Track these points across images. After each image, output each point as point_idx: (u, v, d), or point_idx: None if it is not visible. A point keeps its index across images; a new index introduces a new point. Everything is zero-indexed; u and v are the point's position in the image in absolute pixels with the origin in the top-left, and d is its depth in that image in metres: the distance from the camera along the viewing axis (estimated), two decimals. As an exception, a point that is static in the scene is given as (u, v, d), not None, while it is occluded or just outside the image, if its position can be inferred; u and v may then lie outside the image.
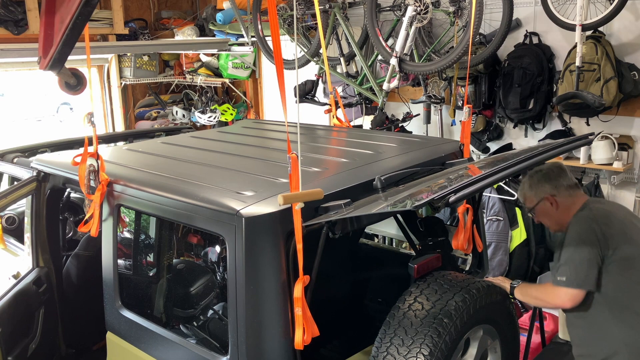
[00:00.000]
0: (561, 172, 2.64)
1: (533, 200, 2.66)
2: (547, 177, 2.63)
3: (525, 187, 2.69)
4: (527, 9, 4.23)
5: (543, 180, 2.63)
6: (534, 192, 2.65)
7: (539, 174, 2.65)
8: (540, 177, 2.65)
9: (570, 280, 2.44)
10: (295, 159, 1.94)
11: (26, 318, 2.98)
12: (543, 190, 2.61)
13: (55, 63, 2.86)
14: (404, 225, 3.32)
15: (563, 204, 2.60)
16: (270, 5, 1.92)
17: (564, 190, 2.60)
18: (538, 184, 2.63)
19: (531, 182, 2.66)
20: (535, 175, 2.67)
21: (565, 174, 2.63)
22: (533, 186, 2.65)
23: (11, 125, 7.36)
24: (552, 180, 2.62)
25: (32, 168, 3.09)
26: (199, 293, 2.65)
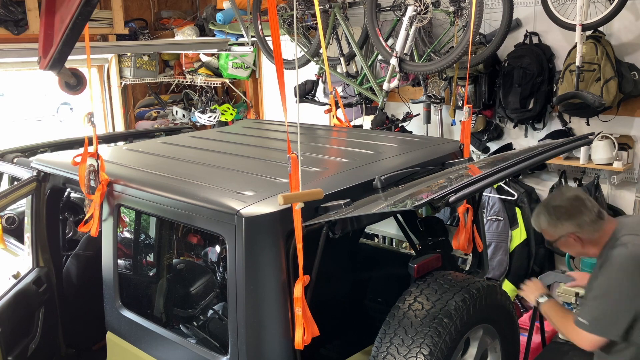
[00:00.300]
0: (582, 206, 2.38)
1: (553, 236, 2.45)
2: (567, 215, 2.37)
3: (542, 221, 2.45)
4: (527, 9, 4.23)
5: (563, 218, 2.38)
6: (553, 230, 2.42)
7: (558, 211, 2.40)
8: (560, 214, 2.39)
9: (594, 326, 2.28)
10: (295, 159, 1.94)
11: (26, 318, 2.98)
12: (563, 228, 2.39)
13: (55, 63, 2.86)
14: (404, 225, 3.32)
15: (588, 239, 2.40)
16: (270, 5, 1.92)
17: (588, 227, 2.36)
18: (557, 222, 2.39)
19: (550, 219, 2.42)
20: (553, 211, 2.41)
21: (587, 208, 2.38)
22: (552, 223, 2.41)
23: (11, 125, 7.37)
24: (574, 218, 2.37)
25: (32, 168, 3.09)
26: (199, 293, 2.65)
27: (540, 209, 2.46)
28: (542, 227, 2.46)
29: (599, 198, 3.93)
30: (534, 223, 2.50)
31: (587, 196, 2.44)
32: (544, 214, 2.43)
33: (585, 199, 2.40)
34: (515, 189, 4.28)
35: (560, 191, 2.48)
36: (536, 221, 2.48)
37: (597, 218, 2.38)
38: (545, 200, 2.54)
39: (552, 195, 2.50)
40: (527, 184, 4.40)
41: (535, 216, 2.48)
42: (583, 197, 2.41)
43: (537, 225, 2.48)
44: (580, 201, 2.38)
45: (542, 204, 2.49)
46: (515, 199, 4.25)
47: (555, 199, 2.44)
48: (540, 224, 2.46)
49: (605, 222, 2.41)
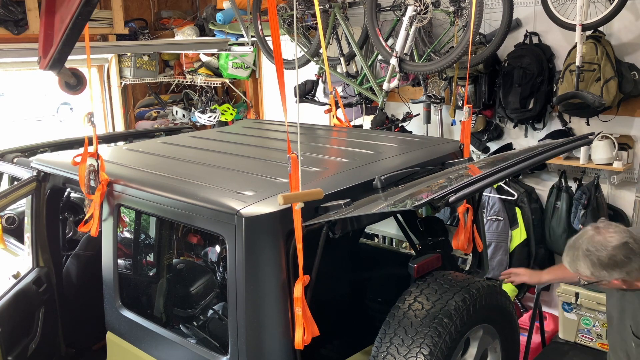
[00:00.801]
0: (631, 254, 2.18)
1: (591, 278, 2.28)
2: (614, 265, 2.19)
3: (582, 268, 2.26)
4: (527, 9, 4.23)
5: (610, 268, 2.20)
6: (594, 274, 2.24)
7: (603, 262, 2.20)
8: (606, 265, 2.20)
9: None
10: (295, 159, 1.94)
11: (26, 318, 2.98)
12: (609, 276, 2.22)
13: (55, 63, 2.86)
14: (404, 225, 3.32)
15: (634, 281, 2.26)
16: (270, 5, 1.92)
17: (636, 272, 2.21)
18: (601, 269, 2.21)
19: (594, 270, 2.23)
20: (598, 262, 2.21)
21: (635, 254, 2.19)
22: (596, 273, 2.23)
23: (11, 125, 7.36)
24: (622, 267, 2.20)
25: (32, 168, 3.09)
26: (199, 293, 2.65)
27: (578, 254, 2.25)
28: (582, 273, 2.27)
29: (599, 198, 3.93)
30: (569, 266, 2.30)
31: (632, 237, 2.22)
32: (585, 262, 2.23)
33: (631, 244, 2.19)
34: (515, 189, 4.28)
35: (601, 235, 2.22)
36: (573, 266, 2.28)
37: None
38: (582, 241, 2.24)
39: (592, 239, 2.22)
40: (527, 184, 4.40)
41: (572, 261, 2.28)
42: (630, 242, 2.19)
43: (574, 269, 2.29)
44: (628, 249, 2.19)
45: (581, 248, 2.24)
46: (515, 199, 4.26)
47: (598, 247, 2.20)
48: (579, 271, 2.27)
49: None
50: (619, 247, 2.18)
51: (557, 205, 4.15)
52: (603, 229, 2.20)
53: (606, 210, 3.95)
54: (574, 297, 3.74)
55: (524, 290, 4.39)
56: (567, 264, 2.32)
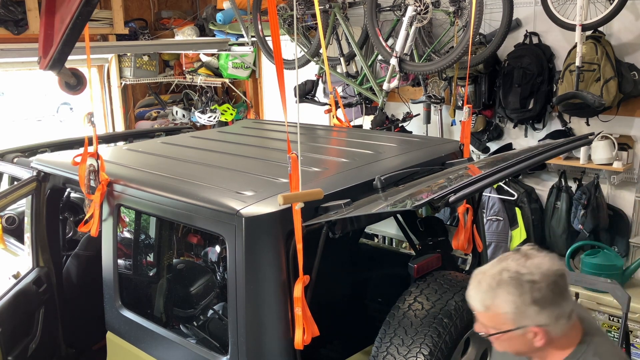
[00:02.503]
0: (564, 291, 1.59)
1: (504, 322, 1.59)
2: (547, 299, 1.55)
3: (497, 294, 1.58)
4: (527, 9, 4.23)
5: (541, 303, 1.55)
6: (517, 312, 1.56)
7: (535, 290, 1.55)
8: (538, 297, 1.54)
9: None
10: (295, 159, 1.94)
11: (26, 318, 2.98)
12: (535, 317, 1.56)
13: (55, 63, 2.86)
14: (404, 225, 3.32)
15: (554, 340, 1.61)
16: (270, 5, 1.92)
17: (564, 321, 1.58)
18: (531, 304, 1.54)
19: (515, 294, 1.55)
20: (525, 284, 1.55)
21: (569, 294, 1.60)
22: (518, 300, 1.55)
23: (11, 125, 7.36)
24: (553, 306, 1.56)
25: (32, 168, 3.09)
26: (199, 293, 2.65)
27: (500, 280, 1.58)
28: (497, 310, 1.59)
29: (599, 198, 3.93)
30: (478, 302, 1.64)
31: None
32: (509, 291, 1.56)
33: (567, 277, 1.62)
34: (515, 189, 4.28)
35: (533, 258, 1.59)
36: (485, 299, 1.61)
37: (572, 310, 1.63)
38: (507, 265, 1.60)
39: (524, 262, 1.58)
40: (527, 184, 4.40)
41: (486, 292, 1.61)
42: (566, 275, 1.61)
43: (484, 305, 1.62)
44: (565, 283, 1.59)
45: (504, 272, 1.58)
46: (515, 199, 4.26)
47: (534, 270, 1.55)
48: (493, 307, 1.59)
49: (574, 321, 1.64)
50: (560, 275, 1.57)
51: (557, 206, 4.16)
52: (532, 252, 1.61)
53: (606, 211, 3.95)
54: (574, 297, 3.74)
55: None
56: (475, 300, 1.64)
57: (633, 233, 3.96)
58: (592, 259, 3.71)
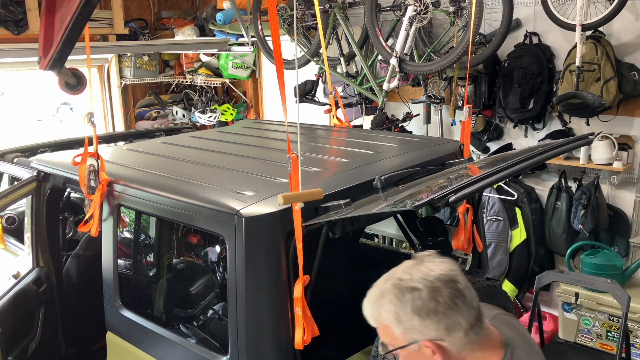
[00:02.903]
0: (457, 299, 1.41)
1: (396, 337, 1.45)
2: (431, 309, 1.39)
3: (382, 304, 1.46)
4: (527, 9, 4.22)
5: (425, 313, 1.39)
6: (400, 324, 1.42)
7: (417, 298, 1.40)
8: (419, 305, 1.40)
9: None
10: (295, 159, 1.95)
11: (26, 318, 2.98)
12: (420, 328, 1.41)
13: (55, 63, 2.86)
14: (404, 225, 3.32)
15: (455, 357, 1.45)
16: (270, 5, 1.92)
17: (460, 334, 1.41)
18: (413, 314, 1.40)
19: (396, 303, 1.43)
20: (406, 293, 1.41)
21: (466, 302, 1.42)
22: (399, 309, 1.42)
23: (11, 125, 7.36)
24: (441, 316, 1.39)
25: (32, 168, 3.09)
26: (199, 293, 2.65)
27: (385, 288, 1.46)
28: (384, 321, 1.46)
29: (599, 198, 3.93)
30: (368, 313, 1.50)
31: (465, 281, 1.46)
32: (391, 300, 1.43)
33: (461, 284, 1.43)
34: (515, 189, 4.28)
35: (423, 264, 1.47)
36: (374, 310, 1.48)
37: (476, 322, 1.44)
38: (395, 272, 1.49)
39: (410, 268, 1.47)
40: (527, 184, 4.40)
41: (374, 301, 1.48)
42: (459, 282, 1.43)
43: (374, 318, 1.48)
44: (455, 290, 1.42)
45: (391, 280, 1.47)
46: (515, 199, 4.25)
47: (416, 277, 1.43)
48: (381, 318, 1.46)
49: (486, 334, 1.48)
50: (449, 282, 1.41)
51: (557, 206, 4.16)
52: (427, 258, 1.49)
53: (606, 210, 3.95)
54: (574, 297, 3.74)
55: (524, 290, 4.40)
56: (366, 313, 1.50)
57: (633, 233, 3.96)
58: (592, 259, 3.72)
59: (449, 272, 1.43)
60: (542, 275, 3.34)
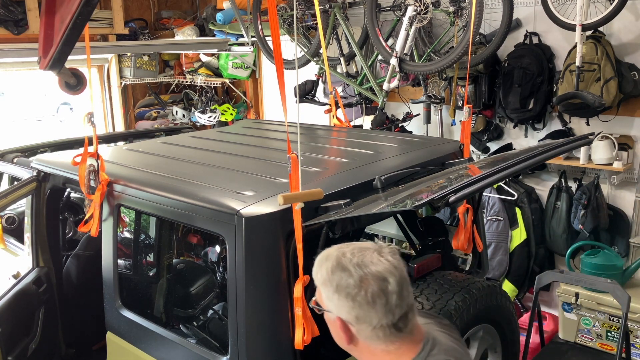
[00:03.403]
0: (383, 295, 1.44)
1: (321, 300, 1.54)
2: (347, 293, 1.45)
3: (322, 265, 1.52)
4: (527, 9, 4.23)
5: (344, 290, 1.45)
6: (323, 291, 1.51)
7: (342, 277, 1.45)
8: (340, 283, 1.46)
9: None
10: (295, 159, 1.95)
11: (26, 318, 2.98)
12: (334, 304, 1.49)
13: (55, 63, 2.86)
14: (404, 225, 3.32)
15: (361, 346, 1.52)
16: (270, 5, 1.92)
17: (368, 330, 1.46)
18: (330, 287, 1.48)
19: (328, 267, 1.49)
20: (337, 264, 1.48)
21: (388, 302, 1.44)
22: (326, 275, 1.49)
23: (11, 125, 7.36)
24: (354, 301, 1.45)
25: (32, 168, 3.09)
26: (199, 293, 2.65)
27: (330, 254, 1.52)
28: (316, 280, 1.54)
29: (599, 198, 3.93)
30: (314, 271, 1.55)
31: (400, 287, 1.47)
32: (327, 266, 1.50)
33: (393, 291, 1.45)
34: (515, 189, 4.29)
35: (377, 253, 1.50)
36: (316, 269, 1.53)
37: (392, 326, 1.46)
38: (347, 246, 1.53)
39: (361, 249, 1.51)
40: (527, 184, 4.40)
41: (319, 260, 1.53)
42: (392, 286, 1.45)
43: (314, 274, 1.55)
44: (382, 291, 1.44)
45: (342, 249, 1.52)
46: (515, 199, 4.26)
47: (357, 255, 1.48)
48: (317, 276, 1.53)
49: (404, 339, 1.49)
50: (377, 278, 1.44)
51: (557, 206, 4.16)
52: (385, 251, 1.51)
53: (606, 210, 3.95)
54: (574, 297, 3.74)
55: (524, 290, 4.40)
56: (315, 263, 1.56)
57: (633, 233, 3.96)
58: (592, 259, 3.72)
59: (386, 273, 1.46)
60: (542, 275, 3.34)
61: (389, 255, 1.50)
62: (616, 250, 3.95)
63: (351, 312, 1.46)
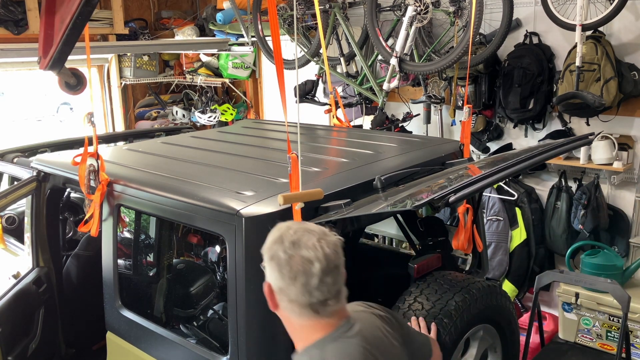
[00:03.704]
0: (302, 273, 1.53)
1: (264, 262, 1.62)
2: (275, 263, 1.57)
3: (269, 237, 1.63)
4: (527, 9, 4.23)
5: (273, 262, 1.57)
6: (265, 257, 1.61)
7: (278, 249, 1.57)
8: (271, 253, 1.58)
9: None
10: (295, 159, 1.95)
11: (26, 318, 2.98)
12: (268, 269, 1.60)
13: (55, 63, 2.86)
14: (404, 225, 3.32)
15: (284, 314, 1.63)
16: (270, 5, 1.92)
17: (285, 301, 1.58)
18: (267, 254, 1.60)
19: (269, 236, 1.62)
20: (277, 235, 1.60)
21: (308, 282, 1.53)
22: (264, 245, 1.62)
23: (11, 125, 7.36)
24: (281, 270, 1.55)
25: (32, 168, 3.09)
26: (199, 293, 2.65)
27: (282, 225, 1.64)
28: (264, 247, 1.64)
29: (599, 198, 3.93)
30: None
31: (330, 271, 1.57)
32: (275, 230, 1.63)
33: (318, 274, 1.54)
34: (515, 189, 4.28)
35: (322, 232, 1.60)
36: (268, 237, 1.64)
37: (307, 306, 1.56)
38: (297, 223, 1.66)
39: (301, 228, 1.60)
40: (527, 184, 4.40)
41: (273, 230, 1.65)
42: (315, 269, 1.53)
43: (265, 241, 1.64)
44: (306, 272, 1.53)
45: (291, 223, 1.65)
46: (515, 199, 4.26)
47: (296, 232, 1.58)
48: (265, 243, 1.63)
49: (319, 320, 1.60)
50: (304, 259, 1.53)
51: (557, 206, 4.16)
52: (325, 237, 1.59)
53: (606, 210, 3.95)
54: (574, 297, 3.73)
55: (524, 290, 4.40)
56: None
57: (633, 233, 3.96)
58: (592, 259, 3.71)
59: (313, 258, 1.54)
60: (542, 275, 3.34)
61: (326, 245, 1.57)
62: (616, 250, 3.95)
63: (276, 282, 1.58)
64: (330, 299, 1.59)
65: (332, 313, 1.61)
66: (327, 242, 1.59)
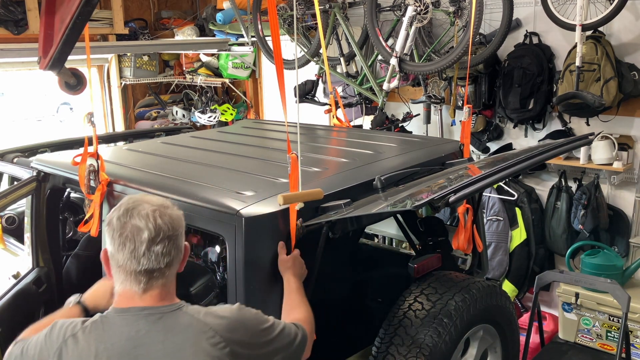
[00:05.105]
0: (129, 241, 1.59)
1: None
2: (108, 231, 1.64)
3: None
4: (527, 9, 4.23)
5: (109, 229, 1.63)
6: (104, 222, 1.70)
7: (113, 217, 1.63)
8: (110, 222, 1.63)
9: None
10: (295, 159, 1.95)
11: (26, 318, 2.97)
12: (105, 234, 1.66)
13: (55, 63, 2.86)
14: (404, 225, 3.32)
15: (114, 280, 1.69)
16: (270, 5, 1.92)
17: (115, 267, 1.64)
18: (106, 226, 1.65)
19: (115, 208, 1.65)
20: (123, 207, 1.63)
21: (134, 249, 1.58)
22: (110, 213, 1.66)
23: (11, 125, 7.36)
24: (112, 240, 1.62)
25: (32, 168, 3.09)
26: (199, 293, 2.65)
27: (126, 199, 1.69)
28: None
29: (599, 198, 3.93)
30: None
31: (160, 241, 1.60)
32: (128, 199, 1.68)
33: (145, 243, 1.58)
34: (515, 189, 4.29)
35: (163, 204, 1.66)
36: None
37: (131, 274, 1.61)
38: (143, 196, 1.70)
39: (144, 198, 1.67)
40: (527, 184, 4.40)
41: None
42: (143, 242, 1.58)
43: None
44: (134, 241, 1.58)
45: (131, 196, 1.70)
46: (515, 199, 4.26)
47: (137, 201, 1.64)
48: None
49: (135, 292, 1.62)
50: (134, 228, 1.59)
51: (557, 206, 4.16)
52: (163, 211, 1.63)
53: (606, 211, 3.95)
54: (574, 297, 3.74)
55: (524, 290, 4.40)
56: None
57: (633, 233, 3.96)
58: (592, 259, 3.72)
59: (144, 227, 1.59)
60: (542, 275, 3.34)
61: (159, 215, 1.61)
62: (616, 250, 3.95)
63: (109, 247, 1.63)
64: (156, 270, 1.61)
65: (149, 290, 1.62)
66: (162, 213, 1.62)
